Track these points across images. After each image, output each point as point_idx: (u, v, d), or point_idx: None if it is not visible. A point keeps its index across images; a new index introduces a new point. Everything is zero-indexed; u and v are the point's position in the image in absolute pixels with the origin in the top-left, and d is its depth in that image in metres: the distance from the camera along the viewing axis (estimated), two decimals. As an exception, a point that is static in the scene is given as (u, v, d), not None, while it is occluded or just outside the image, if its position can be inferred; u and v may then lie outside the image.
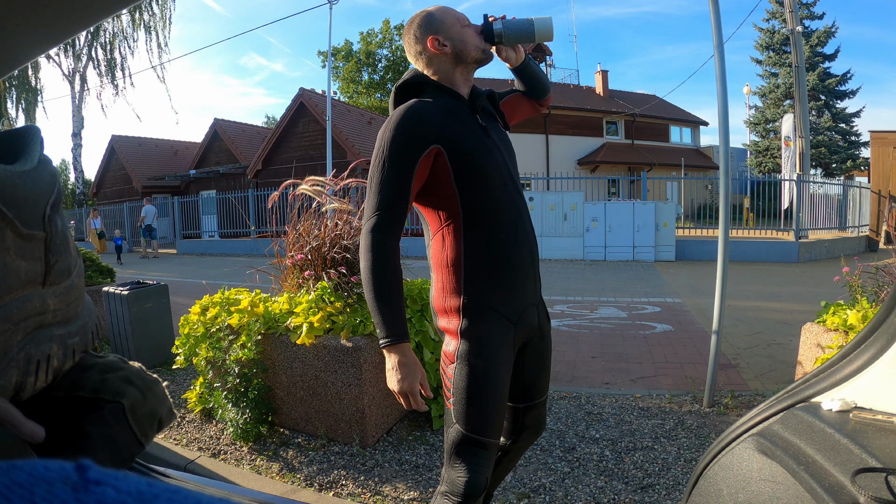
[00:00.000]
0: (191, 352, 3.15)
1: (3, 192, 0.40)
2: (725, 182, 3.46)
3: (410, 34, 1.46)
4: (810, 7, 27.56)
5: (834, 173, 26.85)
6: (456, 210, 1.38)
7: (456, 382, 1.36)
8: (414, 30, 1.45)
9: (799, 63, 13.78)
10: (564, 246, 12.66)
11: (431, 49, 1.43)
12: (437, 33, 1.43)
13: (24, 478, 0.19)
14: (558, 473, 2.57)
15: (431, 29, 1.43)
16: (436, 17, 1.44)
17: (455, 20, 1.44)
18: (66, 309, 0.50)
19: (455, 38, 1.43)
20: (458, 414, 1.36)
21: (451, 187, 1.37)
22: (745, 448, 0.98)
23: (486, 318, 1.37)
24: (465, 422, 1.35)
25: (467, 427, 1.35)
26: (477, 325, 1.36)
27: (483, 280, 1.38)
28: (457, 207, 1.38)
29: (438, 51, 1.43)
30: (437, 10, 1.45)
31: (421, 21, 1.44)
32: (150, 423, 0.55)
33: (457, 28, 1.44)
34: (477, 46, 1.45)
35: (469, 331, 1.36)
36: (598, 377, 4.00)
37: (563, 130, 25.47)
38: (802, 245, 11.79)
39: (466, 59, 1.45)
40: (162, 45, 23.00)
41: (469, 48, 1.44)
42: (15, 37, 0.70)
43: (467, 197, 1.38)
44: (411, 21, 1.47)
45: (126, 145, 26.69)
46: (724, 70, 3.28)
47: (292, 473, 2.63)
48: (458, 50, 1.43)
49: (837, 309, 2.91)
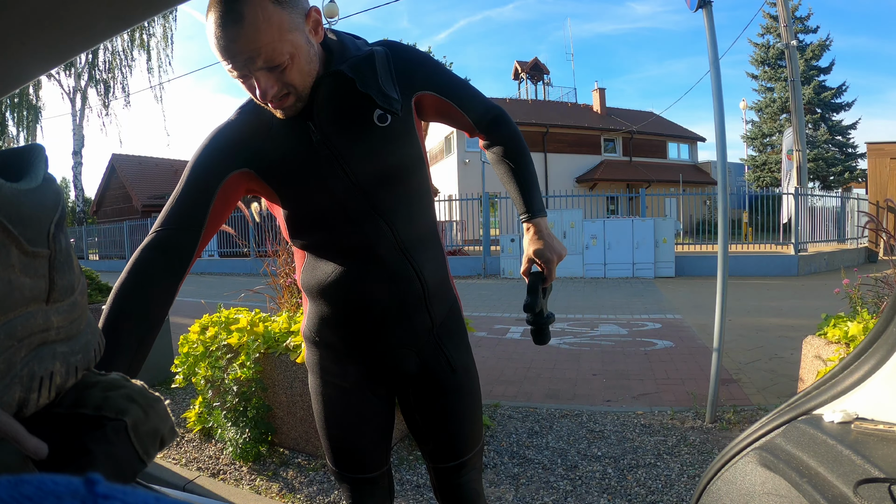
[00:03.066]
0: (190, 371, 3.14)
1: (8, 210, 0.41)
2: (723, 197, 3.48)
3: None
4: (804, 21, 27.92)
5: (831, 186, 26.99)
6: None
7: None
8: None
9: (794, 77, 13.90)
10: (564, 264, 12.52)
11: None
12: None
13: (32, 491, 0.19)
14: (560, 492, 2.55)
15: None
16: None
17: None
18: (69, 326, 0.50)
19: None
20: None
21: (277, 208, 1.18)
22: (748, 462, 0.98)
23: (318, 349, 1.26)
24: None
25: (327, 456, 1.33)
26: (311, 354, 1.28)
27: (314, 311, 1.22)
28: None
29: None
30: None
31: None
32: (152, 441, 0.55)
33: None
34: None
35: (308, 357, 1.30)
36: (599, 394, 3.98)
37: (561, 149, 25.63)
38: (802, 258, 11.80)
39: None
40: (164, 65, 23.26)
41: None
42: (18, 56, 0.71)
43: (290, 224, 1.18)
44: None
45: (126, 164, 26.88)
46: (720, 86, 3.31)
47: (292, 493, 2.61)
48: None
49: (838, 321, 2.90)
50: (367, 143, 1.08)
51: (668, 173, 26.47)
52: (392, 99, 1.05)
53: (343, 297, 1.15)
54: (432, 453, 1.33)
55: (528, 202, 1.24)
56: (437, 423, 1.29)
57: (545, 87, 29.85)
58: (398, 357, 1.23)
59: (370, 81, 1.04)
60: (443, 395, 1.27)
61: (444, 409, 1.28)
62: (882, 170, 14.85)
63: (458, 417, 1.29)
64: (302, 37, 0.98)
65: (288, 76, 0.97)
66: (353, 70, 1.04)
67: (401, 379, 1.27)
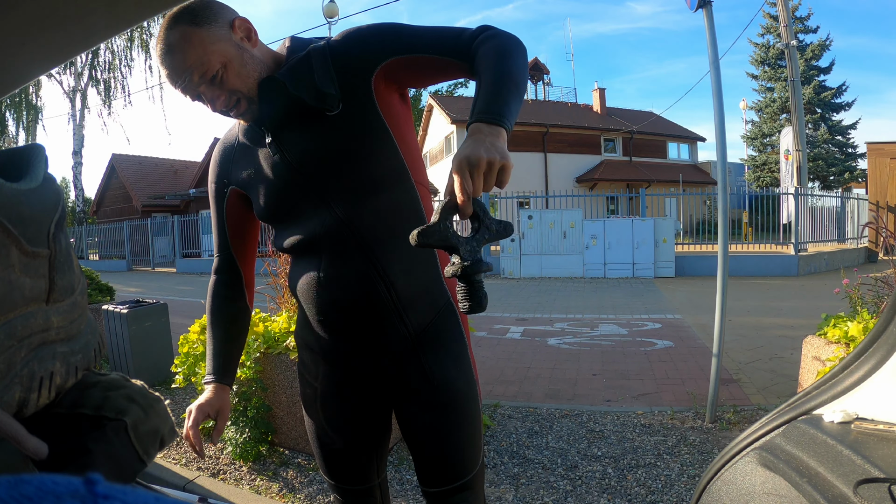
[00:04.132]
0: (190, 371, 3.13)
1: (8, 210, 0.41)
2: (723, 197, 3.48)
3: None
4: (804, 21, 27.91)
5: (831, 185, 26.97)
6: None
7: None
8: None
9: (794, 77, 13.91)
10: (564, 264, 12.64)
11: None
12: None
13: (32, 491, 0.19)
14: (560, 492, 2.55)
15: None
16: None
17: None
18: (69, 326, 0.50)
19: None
20: None
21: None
22: (748, 462, 0.98)
23: (300, 348, 1.27)
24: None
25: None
26: (299, 354, 1.28)
27: (299, 310, 1.24)
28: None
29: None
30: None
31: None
32: (152, 441, 0.55)
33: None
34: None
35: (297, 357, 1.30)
36: (599, 394, 3.98)
37: (561, 149, 25.59)
38: (802, 258, 11.80)
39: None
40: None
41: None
42: (18, 56, 0.71)
43: (270, 228, 1.24)
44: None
45: (126, 164, 26.86)
46: (720, 86, 3.31)
47: (292, 493, 2.61)
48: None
49: (838, 321, 2.90)
50: (315, 136, 1.07)
51: (668, 173, 26.44)
52: (326, 95, 1.04)
53: (310, 296, 1.13)
54: (418, 475, 1.22)
55: (481, 102, 0.92)
56: (418, 441, 1.18)
57: (545, 87, 29.78)
58: (372, 364, 1.15)
59: (302, 83, 1.04)
60: (424, 411, 1.15)
61: (424, 428, 1.16)
62: (882, 170, 14.83)
63: (439, 437, 1.15)
64: (230, 45, 1.03)
65: (228, 83, 1.03)
66: (288, 73, 1.05)
67: (383, 388, 1.19)
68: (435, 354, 1.14)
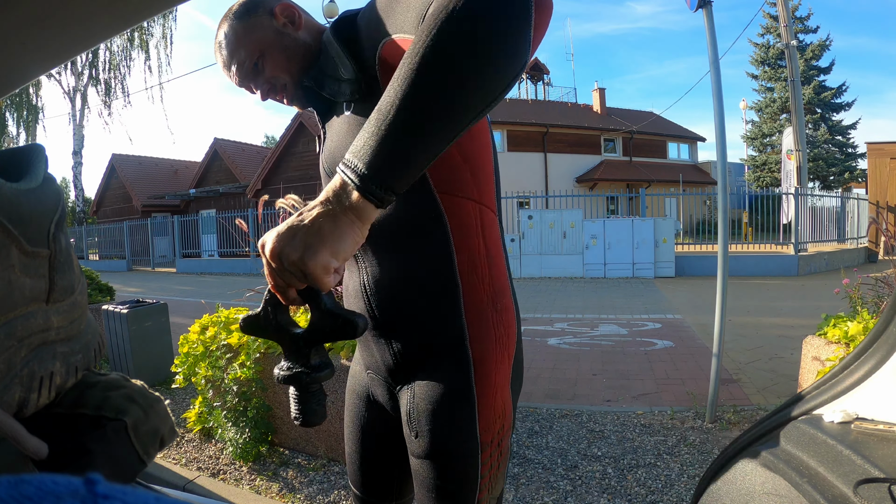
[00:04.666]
0: (190, 371, 3.14)
1: (8, 210, 0.41)
2: (723, 197, 3.48)
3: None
4: (804, 21, 27.90)
5: (831, 186, 26.98)
6: None
7: None
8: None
9: (794, 77, 13.90)
10: (564, 264, 12.65)
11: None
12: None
13: (32, 491, 0.19)
14: (560, 492, 2.55)
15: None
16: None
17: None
18: (69, 326, 0.50)
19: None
20: None
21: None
22: (748, 462, 0.98)
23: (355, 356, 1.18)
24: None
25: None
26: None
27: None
28: None
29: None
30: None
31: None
32: (152, 442, 0.55)
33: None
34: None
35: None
36: (599, 394, 3.98)
37: (561, 149, 25.58)
38: (802, 258, 11.80)
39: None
40: (163, 66, 23.21)
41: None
42: (18, 56, 0.71)
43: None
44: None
45: (126, 164, 26.86)
46: (720, 86, 3.31)
47: (292, 493, 2.61)
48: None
49: (838, 321, 2.90)
50: (337, 134, 1.01)
51: (668, 173, 26.44)
52: (343, 92, 0.95)
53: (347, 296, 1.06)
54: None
55: (359, 136, 0.64)
56: (409, 465, 1.03)
57: (545, 86, 29.77)
58: (377, 382, 1.06)
59: (330, 82, 0.96)
60: (413, 454, 0.98)
61: (413, 469, 1.00)
62: (882, 170, 14.85)
63: (419, 481, 0.98)
64: (269, 33, 1.00)
65: (269, 71, 1.02)
66: (313, 78, 1.00)
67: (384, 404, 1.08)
68: (423, 400, 0.95)
